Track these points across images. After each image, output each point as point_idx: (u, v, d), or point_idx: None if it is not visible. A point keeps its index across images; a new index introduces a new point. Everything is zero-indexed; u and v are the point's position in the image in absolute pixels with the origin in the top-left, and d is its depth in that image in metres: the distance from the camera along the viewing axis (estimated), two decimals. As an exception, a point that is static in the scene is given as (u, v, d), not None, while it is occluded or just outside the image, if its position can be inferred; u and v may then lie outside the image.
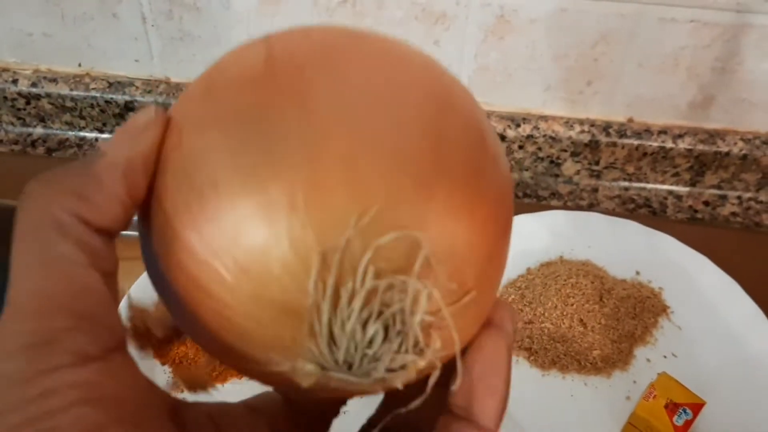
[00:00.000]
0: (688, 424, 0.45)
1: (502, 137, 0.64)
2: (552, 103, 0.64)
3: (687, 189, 0.66)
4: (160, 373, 0.49)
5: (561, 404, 0.49)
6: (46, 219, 0.16)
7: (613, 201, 0.65)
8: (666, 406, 0.46)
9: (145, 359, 0.49)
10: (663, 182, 0.66)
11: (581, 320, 0.50)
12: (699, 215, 0.64)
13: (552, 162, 0.66)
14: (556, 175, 0.66)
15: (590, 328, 0.50)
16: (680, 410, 0.46)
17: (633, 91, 0.63)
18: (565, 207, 0.64)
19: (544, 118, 0.64)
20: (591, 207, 0.65)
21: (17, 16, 0.63)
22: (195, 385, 0.30)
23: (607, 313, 0.51)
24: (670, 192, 0.66)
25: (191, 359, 0.49)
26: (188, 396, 0.34)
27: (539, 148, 0.65)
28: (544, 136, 0.64)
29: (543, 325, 0.50)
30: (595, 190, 0.66)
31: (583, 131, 0.64)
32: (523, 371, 0.50)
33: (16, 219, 0.16)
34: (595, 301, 0.51)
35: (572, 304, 0.51)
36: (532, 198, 0.66)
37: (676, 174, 0.65)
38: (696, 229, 0.63)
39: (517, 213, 0.62)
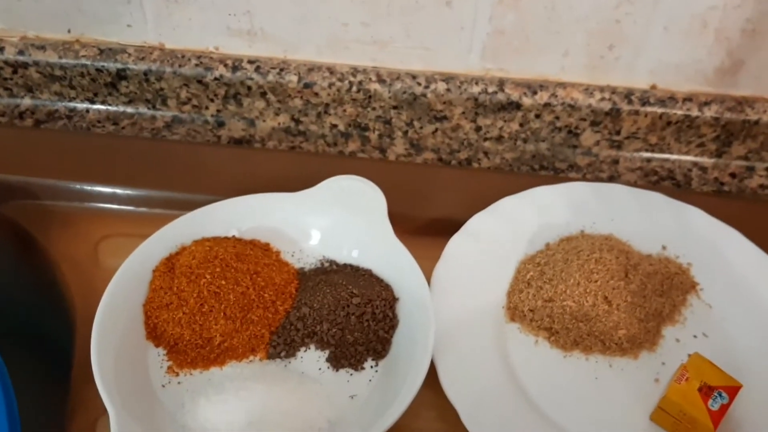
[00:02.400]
0: (724, 408, 0.42)
1: (518, 105, 0.60)
2: (571, 69, 0.60)
3: (713, 160, 0.62)
4: (154, 356, 0.46)
5: (584, 387, 0.46)
6: None
7: (635, 173, 0.62)
8: (700, 390, 0.42)
9: (139, 342, 0.46)
10: (687, 153, 0.62)
11: (606, 298, 0.47)
12: (725, 188, 0.61)
13: (570, 132, 0.62)
14: (575, 146, 0.63)
15: (615, 306, 0.47)
16: (715, 394, 0.42)
17: (657, 56, 0.59)
18: (583, 180, 0.61)
19: (563, 85, 0.60)
20: (611, 180, 0.61)
21: (2, -22, 0.59)
22: None
23: (633, 290, 0.47)
24: (695, 163, 0.62)
25: (186, 342, 0.46)
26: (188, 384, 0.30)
27: (557, 117, 0.61)
28: (563, 104, 0.60)
29: (565, 303, 0.47)
30: (616, 161, 0.62)
31: (603, 99, 0.60)
32: (543, 352, 0.47)
33: None
34: (620, 278, 0.48)
35: (596, 281, 0.47)
36: (548, 170, 0.62)
37: (702, 144, 0.61)
38: (722, 202, 0.60)
39: (534, 185, 0.58)
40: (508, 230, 0.52)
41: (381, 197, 0.51)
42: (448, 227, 0.59)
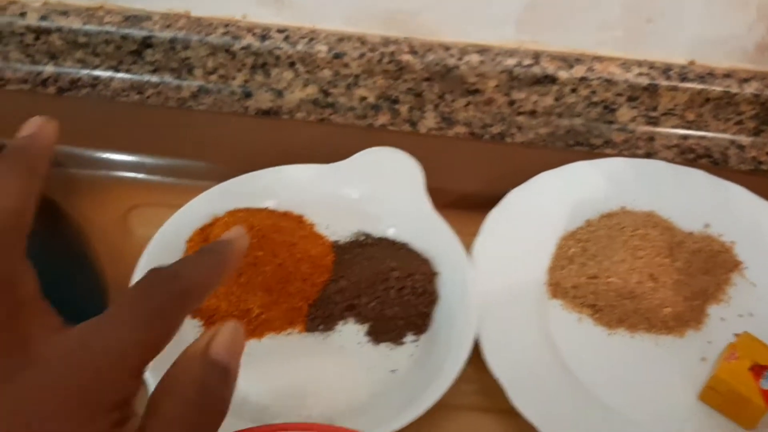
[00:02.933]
0: (776, 387, 0.41)
1: (553, 79, 0.59)
2: (608, 43, 0.59)
3: (751, 138, 0.61)
4: (190, 328, 0.45)
5: (630, 366, 0.45)
6: None
7: (671, 150, 0.60)
8: (751, 369, 0.41)
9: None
10: (725, 131, 0.61)
11: (651, 275, 0.46)
12: (763, 167, 0.60)
13: (606, 107, 0.60)
14: (610, 122, 0.61)
15: (661, 284, 0.46)
16: (766, 373, 0.41)
17: (696, 31, 0.57)
18: (619, 156, 0.59)
19: (599, 59, 0.59)
20: (647, 157, 0.60)
21: (24, -60, 0.58)
22: None
23: (678, 267, 0.46)
24: (733, 141, 0.61)
25: (223, 313, 0.45)
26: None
27: (593, 92, 0.59)
28: (599, 78, 0.59)
29: (609, 280, 0.46)
30: (652, 138, 0.61)
31: (641, 74, 0.59)
32: (587, 330, 0.46)
33: None
34: (665, 255, 0.47)
35: (641, 258, 0.46)
36: (583, 146, 0.61)
37: (740, 122, 0.60)
38: (760, 181, 0.58)
39: (568, 161, 0.57)
40: (547, 206, 0.51)
41: (418, 169, 0.50)
42: (480, 202, 0.57)
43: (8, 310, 0.21)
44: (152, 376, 0.39)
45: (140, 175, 0.56)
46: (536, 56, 0.59)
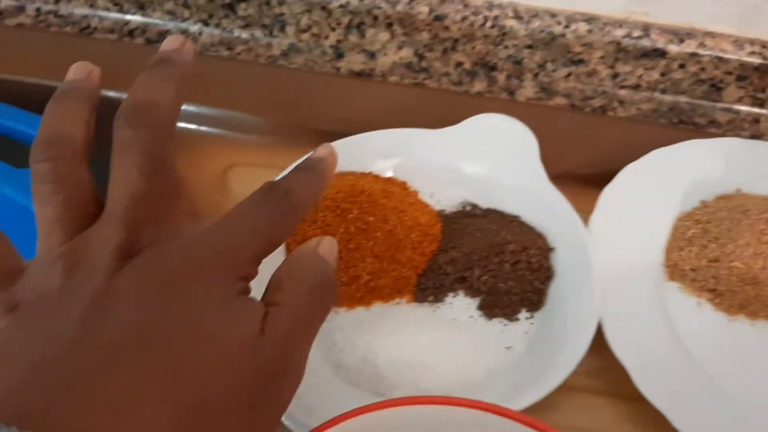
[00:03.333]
0: None
1: (663, 53, 0.56)
2: (721, 19, 0.56)
3: None
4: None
5: (750, 353, 0.43)
6: None
7: (779, 133, 0.58)
8: None
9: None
10: (837, 115, 0.58)
11: (776, 261, 0.44)
12: None
13: (713, 86, 0.58)
14: (715, 101, 0.59)
15: (787, 271, 0.44)
16: None
17: (816, 9, 0.55)
18: (724, 137, 0.57)
19: (711, 34, 0.56)
20: (752, 139, 0.57)
21: None
22: None
23: (804, 255, 0.44)
24: (843, 127, 0.58)
25: None
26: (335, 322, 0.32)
27: (702, 69, 0.57)
28: (710, 55, 0.56)
29: (732, 264, 0.44)
30: (757, 120, 0.59)
31: (753, 52, 0.56)
32: (706, 315, 0.44)
33: None
34: (792, 241, 0.44)
35: (767, 242, 0.44)
36: (687, 125, 0.58)
37: None
38: None
39: (674, 138, 0.55)
40: (662, 184, 0.49)
41: (532, 138, 0.48)
42: (582, 177, 0.56)
43: (162, 187, 0.25)
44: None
45: (236, 134, 0.54)
46: (646, 28, 0.56)
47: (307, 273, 0.26)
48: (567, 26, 0.56)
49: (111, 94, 0.56)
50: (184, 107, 0.56)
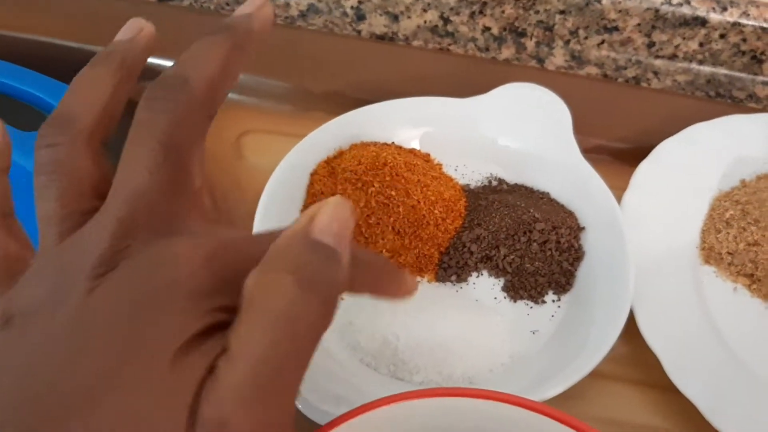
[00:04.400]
0: None
1: (703, 21, 0.53)
2: (767, -15, 0.53)
3: None
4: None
5: (788, 343, 0.41)
6: None
7: (822, 109, 0.55)
8: None
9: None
10: None
11: (820, 247, 0.41)
12: None
13: (754, 57, 0.55)
14: (755, 74, 0.56)
15: (830, 257, 0.41)
16: None
17: None
18: (763, 112, 0.54)
19: (755, 3, 0.53)
20: (794, 114, 0.54)
21: None
22: None
23: None
24: None
25: None
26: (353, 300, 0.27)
27: (744, 40, 0.54)
28: (753, 25, 0.53)
29: (773, 249, 0.42)
30: (799, 95, 0.56)
31: (800, 22, 0.53)
32: (743, 301, 0.42)
33: None
34: (836, 226, 0.42)
35: (811, 227, 0.42)
36: (725, 98, 0.55)
37: None
38: None
39: (711, 112, 0.52)
40: (701, 161, 0.46)
41: (565, 110, 0.45)
42: (614, 151, 0.53)
43: (170, 183, 0.21)
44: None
45: (251, 99, 0.52)
46: (687, -6, 0.53)
47: (270, 304, 0.18)
48: (602, -9, 0.53)
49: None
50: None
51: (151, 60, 0.26)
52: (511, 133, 0.46)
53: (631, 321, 0.39)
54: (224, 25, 0.24)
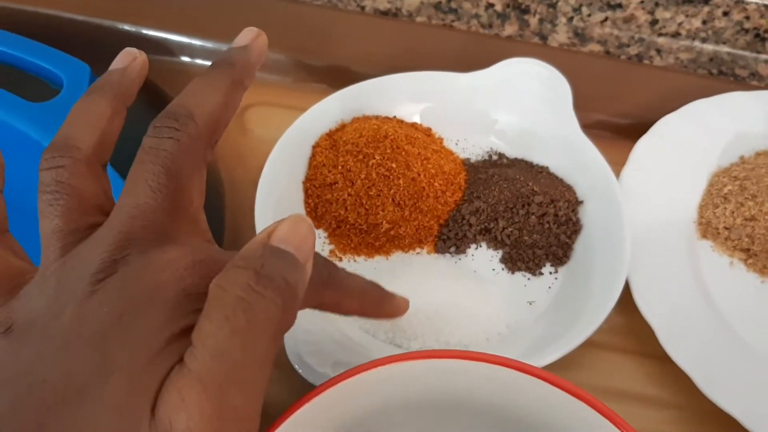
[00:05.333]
0: None
1: (706, 0, 0.53)
2: (771, -38, 0.53)
3: None
4: (317, 242, 0.42)
5: (783, 317, 0.41)
6: None
7: (824, 88, 0.55)
8: None
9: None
10: None
11: (816, 222, 0.42)
12: None
13: (757, 35, 0.55)
14: (758, 52, 0.56)
15: (827, 233, 0.42)
16: None
17: None
18: (765, 89, 0.54)
19: (759, -21, 0.53)
20: (796, 93, 0.55)
21: None
22: None
23: None
24: None
25: (350, 225, 0.42)
26: (354, 271, 0.28)
27: (747, 17, 0.54)
28: (756, 3, 0.53)
29: (769, 224, 0.42)
30: (802, 73, 0.56)
31: (803, 0, 0.53)
32: (739, 275, 0.43)
33: None
34: (834, 202, 0.42)
35: (808, 202, 0.42)
36: (727, 76, 0.55)
37: None
38: None
39: (713, 89, 0.52)
40: (700, 137, 0.47)
41: (566, 85, 0.46)
42: (614, 127, 0.54)
43: (170, 206, 0.23)
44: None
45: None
46: (690, -29, 0.53)
47: (236, 283, 0.19)
48: (606, -33, 0.53)
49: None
50: (200, 42, 0.55)
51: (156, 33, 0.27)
52: (512, 108, 0.46)
53: (627, 292, 0.40)
54: (224, 59, 0.26)
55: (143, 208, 0.23)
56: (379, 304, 0.29)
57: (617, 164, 0.45)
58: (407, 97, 0.47)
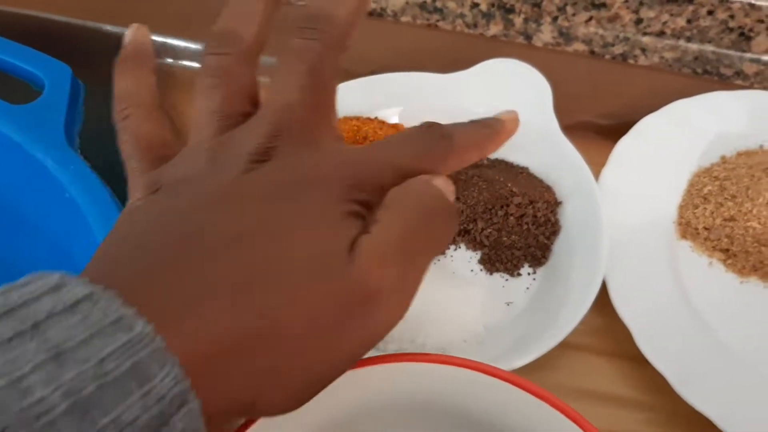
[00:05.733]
0: None
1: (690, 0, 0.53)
2: (755, -39, 0.53)
3: None
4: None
5: (761, 317, 0.41)
6: None
7: (809, 87, 0.55)
8: None
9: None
10: None
11: (796, 223, 0.42)
12: None
13: (742, 34, 0.55)
14: (743, 51, 0.56)
15: (806, 233, 0.42)
16: None
17: None
18: (750, 89, 0.54)
19: (743, -22, 0.53)
20: (780, 92, 0.54)
21: None
22: None
23: (826, 217, 0.42)
24: None
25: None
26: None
27: (731, 16, 0.54)
28: (741, 1, 0.53)
29: (748, 224, 0.42)
30: (787, 72, 0.56)
31: (788, -1, 0.53)
32: (717, 276, 0.43)
33: None
34: (813, 202, 0.42)
35: (788, 203, 0.42)
36: (712, 75, 0.55)
37: None
38: None
39: (697, 89, 0.52)
40: (682, 137, 0.47)
41: (546, 85, 0.46)
42: (597, 128, 0.54)
43: (316, 103, 0.25)
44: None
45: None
46: (674, -30, 0.53)
47: (417, 196, 0.24)
48: (590, -33, 0.53)
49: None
50: (184, 44, 0.55)
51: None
52: (493, 108, 0.45)
53: (607, 294, 0.40)
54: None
55: (292, 104, 0.24)
56: (493, 139, 0.29)
57: (599, 165, 0.45)
58: (388, 98, 0.47)
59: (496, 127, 0.29)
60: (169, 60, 0.55)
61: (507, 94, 0.46)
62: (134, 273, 0.20)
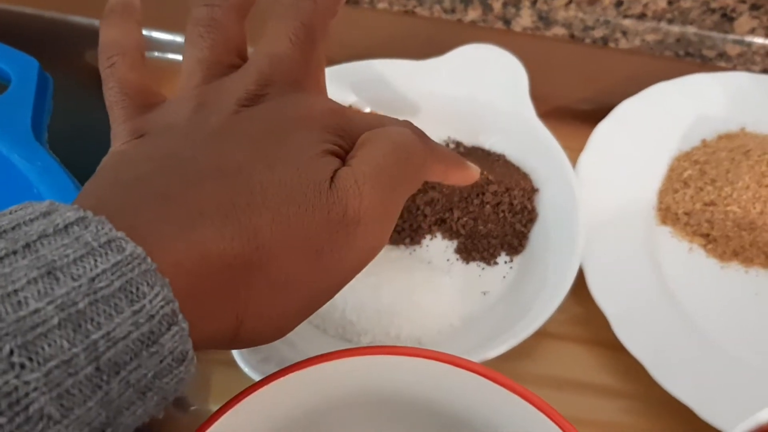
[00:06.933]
0: None
1: (671, -21, 0.52)
2: (737, -60, 0.52)
3: None
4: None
5: (743, 302, 0.41)
6: None
7: (793, 67, 0.54)
8: None
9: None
10: None
11: (776, 206, 0.41)
12: None
13: (724, 15, 0.54)
14: (726, 32, 0.55)
15: (787, 216, 0.41)
16: None
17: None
18: (733, 71, 0.53)
19: (725, -42, 0.52)
20: (764, 73, 0.54)
21: None
22: None
23: (807, 199, 0.42)
24: None
25: None
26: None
27: (713, -4, 0.53)
28: (722, -19, 0.52)
29: (728, 208, 0.41)
30: (771, 53, 0.55)
31: (770, -22, 0.52)
32: (698, 261, 0.42)
33: None
34: (794, 184, 0.42)
35: None
36: (694, 57, 0.55)
37: None
38: None
39: (680, 71, 0.52)
40: (661, 121, 0.46)
41: (522, 71, 0.45)
42: (578, 113, 0.53)
43: (304, 57, 0.26)
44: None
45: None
46: (654, -49, 0.52)
47: (389, 135, 0.25)
48: (568, -51, 0.52)
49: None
50: (162, 36, 0.54)
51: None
52: (468, 95, 0.45)
53: (586, 283, 0.39)
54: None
55: (282, 56, 0.25)
56: (459, 167, 0.31)
57: (578, 150, 0.44)
58: (363, 85, 0.46)
59: (465, 162, 0.32)
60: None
61: (482, 80, 0.45)
62: (122, 202, 0.20)
